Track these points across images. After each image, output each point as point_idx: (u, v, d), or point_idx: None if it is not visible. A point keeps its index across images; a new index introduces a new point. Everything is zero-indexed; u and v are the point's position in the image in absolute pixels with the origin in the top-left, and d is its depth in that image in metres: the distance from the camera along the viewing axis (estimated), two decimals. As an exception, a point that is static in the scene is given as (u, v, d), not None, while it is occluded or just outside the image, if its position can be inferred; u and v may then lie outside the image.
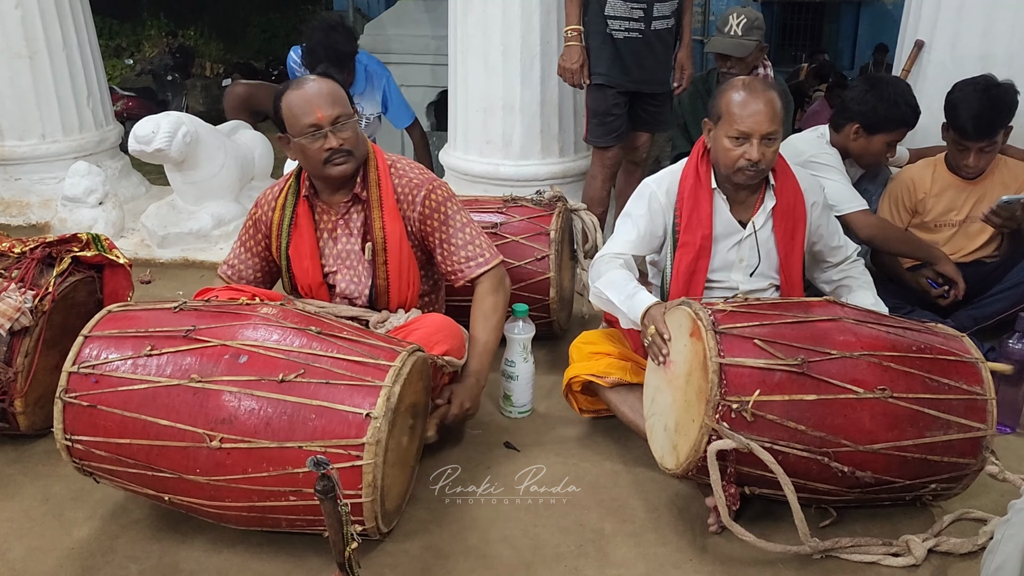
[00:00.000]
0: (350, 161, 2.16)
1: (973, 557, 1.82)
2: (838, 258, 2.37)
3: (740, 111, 2.08)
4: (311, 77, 2.18)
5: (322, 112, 2.11)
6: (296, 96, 2.13)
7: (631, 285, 2.13)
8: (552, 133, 3.77)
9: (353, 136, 2.15)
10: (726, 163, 2.12)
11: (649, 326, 2.00)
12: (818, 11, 14.95)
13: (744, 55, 3.40)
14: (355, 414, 1.70)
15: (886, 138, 2.76)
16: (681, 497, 2.06)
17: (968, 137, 2.68)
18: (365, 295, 2.27)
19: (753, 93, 2.09)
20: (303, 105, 2.12)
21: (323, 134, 2.11)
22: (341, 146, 2.12)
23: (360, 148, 2.19)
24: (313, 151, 2.12)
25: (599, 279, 2.20)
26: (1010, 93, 2.66)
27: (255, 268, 2.38)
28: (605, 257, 2.26)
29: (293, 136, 2.15)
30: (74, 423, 1.79)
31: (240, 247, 2.38)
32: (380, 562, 1.84)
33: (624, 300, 2.10)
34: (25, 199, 4.37)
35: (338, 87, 2.17)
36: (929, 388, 1.80)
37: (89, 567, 1.84)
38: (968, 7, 3.02)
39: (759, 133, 2.06)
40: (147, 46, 15.46)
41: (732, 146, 2.10)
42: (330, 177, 2.17)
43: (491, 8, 3.61)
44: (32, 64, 4.21)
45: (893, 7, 13.25)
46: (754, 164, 2.08)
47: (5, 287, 2.20)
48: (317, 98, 2.12)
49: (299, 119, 2.12)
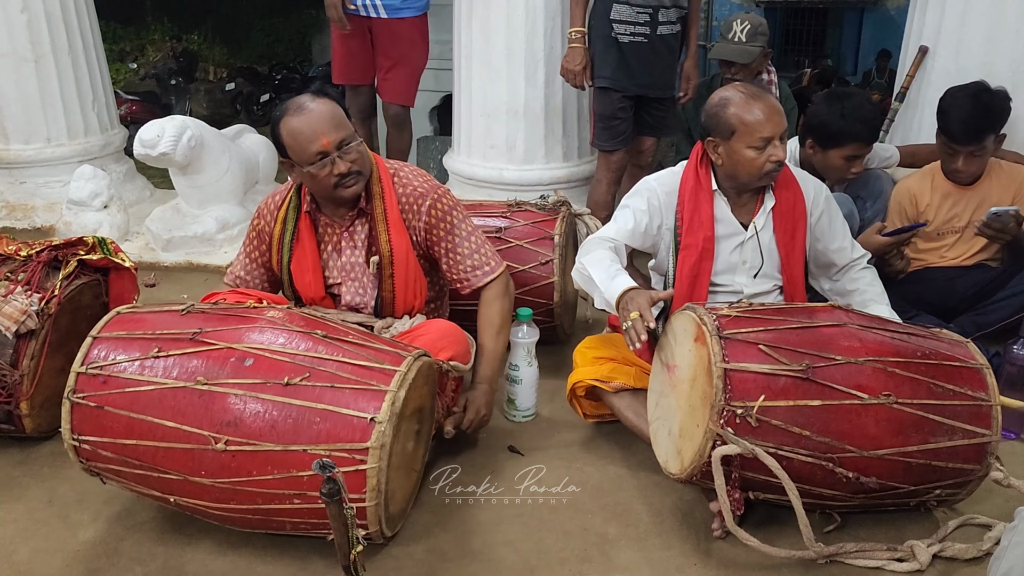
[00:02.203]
0: (360, 181, 2.14)
1: (978, 563, 1.82)
2: (843, 260, 2.36)
3: (756, 119, 2.09)
4: (310, 99, 2.11)
5: (328, 138, 2.06)
6: (298, 123, 2.06)
7: (615, 267, 2.13)
8: (556, 137, 3.78)
9: (360, 156, 2.12)
10: (751, 171, 2.13)
11: (626, 310, 1.98)
12: (821, 16, 14.96)
13: (748, 61, 3.41)
14: (360, 418, 1.70)
15: (841, 152, 2.65)
16: (685, 502, 2.06)
17: (956, 140, 2.68)
18: (371, 306, 2.27)
19: (757, 100, 2.12)
20: (307, 133, 2.05)
21: (331, 160, 2.07)
22: (351, 169, 2.09)
23: (367, 165, 2.16)
24: (322, 177, 2.08)
25: (585, 256, 2.20)
26: (1001, 99, 2.67)
27: (260, 278, 2.37)
28: (596, 238, 2.27)
29: (300, 165, 2.10)
30: (82, 424, 1.80)
31: (245, 257, 2.37)
32: (384, 565, 1.84)
33: (604, 279, 2.09)
34: (30, 202, 4.39)
35: (337, 107, 2.12)
36: (934, 394, 1.80)
37: (94, 569, 1.84)
38: (972, 14, 3.03)
39: (778, 133, 2.10)
40: (151, 50, 15.52)
41: (756, 154, 2.11)
42: (342, 199, 2.15)
43: (495, 13, 3.62)
44: (38, 68, 4.23)
45: (897, 13, 13.27)
46: (780, 163, 2.12)
47: (11, 290, 2.21)
48: (320, 124, 2.06)
49: (305, 148, 2.06)
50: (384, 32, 3.76)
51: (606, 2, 3.18)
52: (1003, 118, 2.68)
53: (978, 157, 2.71)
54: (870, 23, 14.50)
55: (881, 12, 14.21)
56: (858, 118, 2.62)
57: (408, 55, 3.83)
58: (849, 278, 2.37)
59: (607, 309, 2.10)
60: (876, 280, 2.37)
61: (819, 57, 13.04)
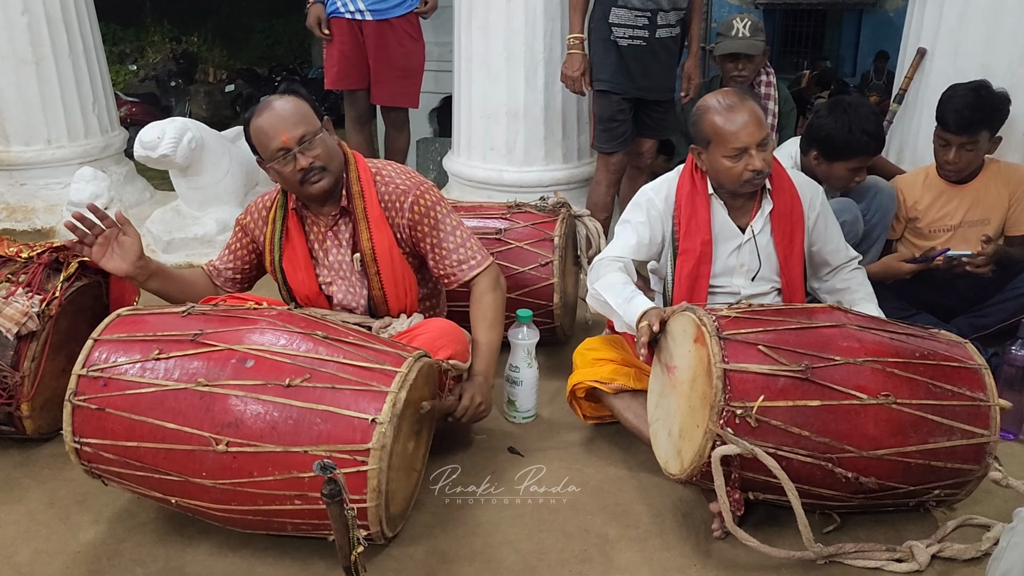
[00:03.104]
0: (325, 176, 2.14)
1: (976, 563, 1.83)
2: (838, 261, 2.37)
3: (729, 128, 2.10)
4: (275, 97, 2.14)
5: (287, 134, 2.08)
6: (260, 122, 2.11)
7: (629, 289, 2.14)
8: (556, 139, 3.78)
9: (324, 151, 2.13)
10: (730, 179, 2.15)
11: None
12: (820, 18, 14.98)
13: (756, 53, 3.42)
14: (361, 419, 1.71)
15: (846, 165, 2.67)
16: (685, 502, 2.06)
17: (949, 129, 2.68)
18: (363, 305, 2.28)
19: (733, 108, 2.11)
20: (268, 131, 2.09)
21: (292, 156, 2.09)
22: (312, 164, 2.10)
23: (335, 160, 2.17)
24: (287, 174, 2.11)
25: (597, 281, 2.21)
26: (1000, 98, 2.68)
27: (232, 270, 2.39)
28: (604, 260, 2.27)
29: (266, 162, 2.14)
30: (83, 426, 1.80)
31: (226, 250, 2.41)
32: (385, 566, 1.84)
33: (621, 304, 2.11)
34: (30, 204, 4.39)
35: (301, 102, 2.13)
36: (932, 394, 1.81)
37: (95, 570, 1.85)
38: (970, 15, 3.03)
39: (754, 143, 2.09)
40: (151, 52, 15.54)
41: (732, 163, 2.12)
42: (311, 195, 2.17)
43: (495, 14, 3.63)
44: (38, 70, 4.22)
45: (895, 14, 13.28)
46: (759, 172, 2.11)
47: (12, 292, 2.21)
48: (280, 121, 2.09)
49: (267, 145, 2.11)
50: (374, 35, 3.77)
51: (604, 5, 3.19)
52: (999, 116, 2.69)
53: (970, 151, 2.71)
54: (868, 25, 14.53)
55: (880, 14, 14.23)
56: (865, 131, 2.61)
57: (401, 56, 3.84)
58: (840, 278, 2.38)
59: (630, 332, 2.10)
60: (866, 280, 2.40)
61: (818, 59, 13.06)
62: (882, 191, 2.84)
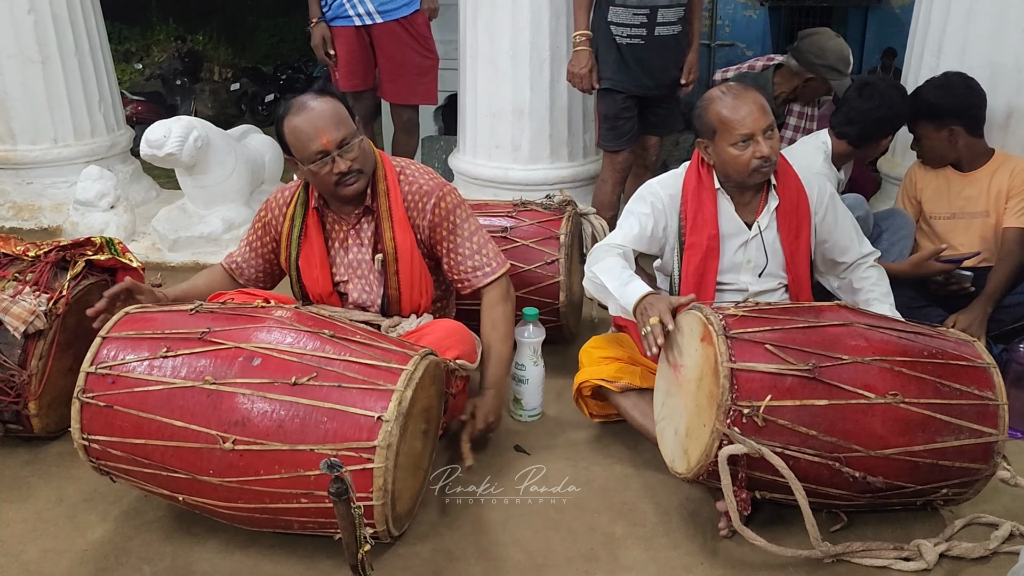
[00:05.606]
0: (361, 179, 2.15)
1: (984, 562, 1.83)
2: (851, 258, 2.35)
3: (734, 116, 2.12)
4: (312, 97, 2.13)
5: (328, 137, 2.07)
6: (300, 121, 2.09)
7: (627, 274, 2.14)
8: (561, 137, 3.78)
9: (361, 154, 2.13)
10: (738, 169, 2.14)
11: (645, 316, 1.99)
12: (825, 15, 14.90)
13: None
14: (367, 417, 1.71)
15: (886, 140, 2.90)
16: (692, 501, 2.06)
17: None
18: (378, 304, 2.28)
19: (737, 97, 2.14)
20: (308, 131, 2.08)
21: (331, 159, 2.09)
22: (351, 167, 2.11)
23: (369, 163, 2.17)
24: (323, 175, 2.11)
25: (595, 264, 2.20)
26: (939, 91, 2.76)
27: (258, 268, 2.39)
28: (604, 246, 2.27)
29: (302, 163, 2.13)
30: (91, 423, 1.81)
31: (247, 246, 2.39)
32: (392, 564, 1.85)
33: (618, 287, 2.10)
34: (37, 203, 4.40)
35: (339, 104, 2.13)
36: (940, 393, 1.80)
37: (103, 568, 1.85)
38: (977, 12, 3.02)
39: (759, 129, 2.10)
40: (156, 51, 15.58)
41: (739, 152, 2.12)
42: (344, 196, 2.17)
43: (500, 13, 3.62)
44: (44, 69, 4.24)
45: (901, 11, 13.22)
46: (766, 159, 2.11)
47: (20, 290, 2.22)
48: (321, 122, 2.07)
49: (306, 146, 2.09)
50: (386, 35, 3.77)
51: (605, 4, 3.19)
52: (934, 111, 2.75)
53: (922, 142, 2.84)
54: (874, 22, 14.45)
55: (886, 11, 14.15)
56: (894, 102, 2.77)
57: (417, 53, 3.84)
58: (857, 276, 2.36)
59: (624, 316, 2.11)
60: (883, 279, 2.36)
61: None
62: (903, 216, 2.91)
